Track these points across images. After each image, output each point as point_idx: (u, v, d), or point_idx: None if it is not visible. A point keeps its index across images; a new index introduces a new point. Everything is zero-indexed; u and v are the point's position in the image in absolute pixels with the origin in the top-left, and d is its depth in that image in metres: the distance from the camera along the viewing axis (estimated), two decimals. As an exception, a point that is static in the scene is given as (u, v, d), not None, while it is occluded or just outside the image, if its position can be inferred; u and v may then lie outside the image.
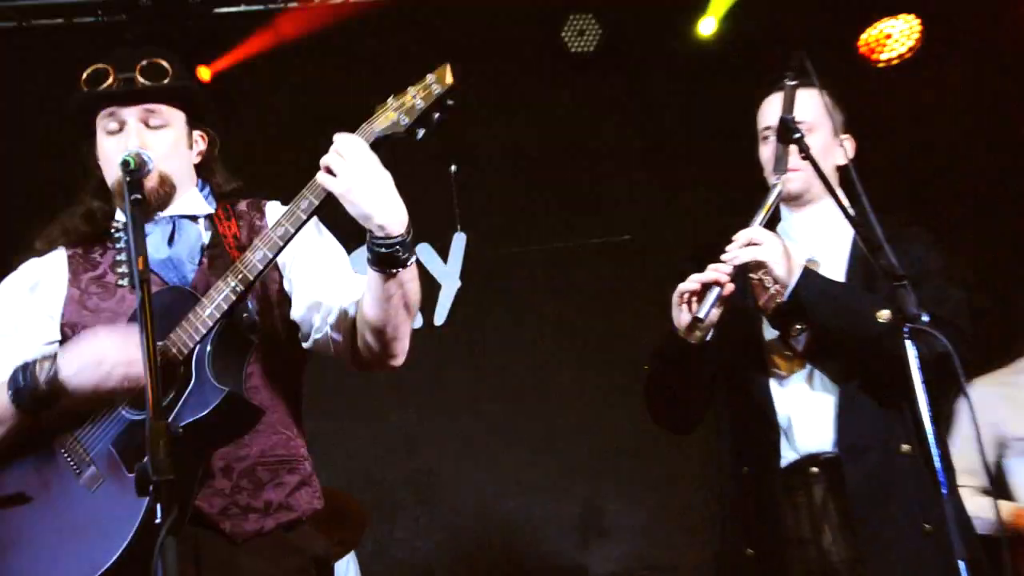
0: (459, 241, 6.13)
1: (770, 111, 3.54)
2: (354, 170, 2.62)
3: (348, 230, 2.82)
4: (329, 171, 2.64)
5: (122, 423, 2.73)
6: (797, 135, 3.28)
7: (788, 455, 3.35)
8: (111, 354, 2.67)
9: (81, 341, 2.75)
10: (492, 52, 5.69)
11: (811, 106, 3.45)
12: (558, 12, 6.11)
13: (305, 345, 3.00)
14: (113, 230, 3.02)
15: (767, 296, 3.35)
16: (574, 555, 6.07)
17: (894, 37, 6.11)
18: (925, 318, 2.88)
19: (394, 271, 2.70)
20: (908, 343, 2.86)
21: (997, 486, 4.36)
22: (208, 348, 2.71)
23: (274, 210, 3.06)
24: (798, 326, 3.34)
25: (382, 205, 2.64)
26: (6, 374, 2.81)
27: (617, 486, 6.07)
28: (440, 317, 6.31)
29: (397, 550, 5.75)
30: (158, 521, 2.17)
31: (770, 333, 3.43)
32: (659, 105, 6.22)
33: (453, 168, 5.97)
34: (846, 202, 3.29)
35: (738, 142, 5.77)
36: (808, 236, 3.47)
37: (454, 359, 6.14)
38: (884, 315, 3.13)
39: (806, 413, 3.35)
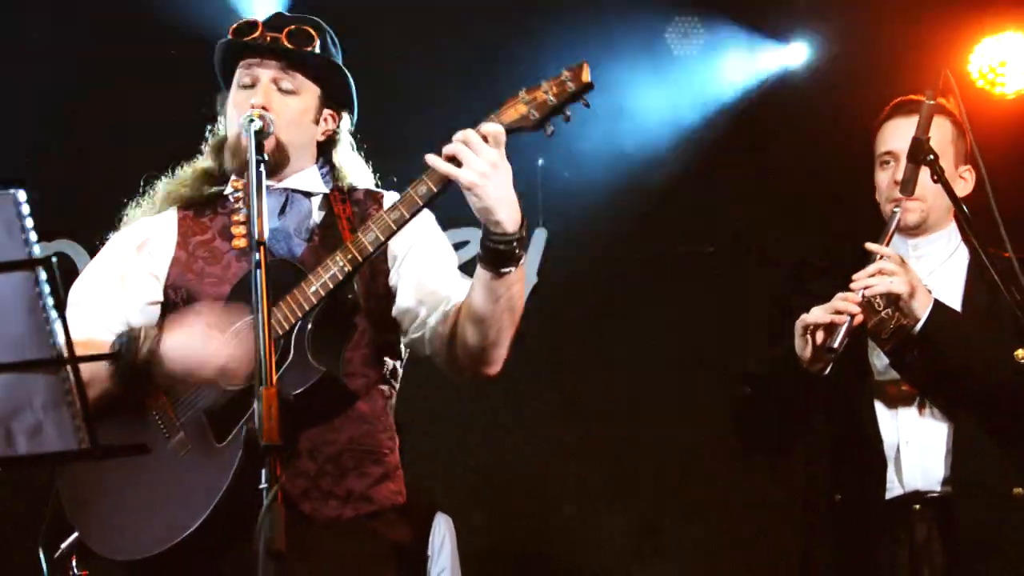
0: (540, 237, 6.04)
1: (893, 134, 3.40)
2: (484, 162, 2.56)
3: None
4: (454, 161, 2.58)
5: (216, 392, 2.70)
6: (931, 157, 3.16)
7: (893, 488, 3.24)
8: (213, 354, 2.63)
9: (186, 329, 2.70)
10: (591, 46, 5.58)
11: (939, 131, 3.31)
12: (663, 13, 5.99)
13: (403, 340, 2.96)
14: (229, 191, 2.98)
15: (877, 320, 3.21)
16: (628, 569, 5.92)
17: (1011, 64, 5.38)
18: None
19: (505, 271, 2.65)
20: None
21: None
22: (309, 326, 2.69)
23: (392, 202, 2.99)
24: (915, 355, 3.21)
25: (506, 201, 2.59)
26: (108, 328, 2.82)
27: (679, 503, 5.91)
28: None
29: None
30: (263, 487, 2.14)
31: (880, 358, 3.31)
32: (761, 116, 6.06)
33: (540, 162, 5.88)
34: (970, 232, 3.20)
35: (830, 162, 5.73)
36: (921, 266, 3.33)
37: (522, 358, 6.00)
38: (1021, 354, 3.03)
39: (916, 445, 3.24)
